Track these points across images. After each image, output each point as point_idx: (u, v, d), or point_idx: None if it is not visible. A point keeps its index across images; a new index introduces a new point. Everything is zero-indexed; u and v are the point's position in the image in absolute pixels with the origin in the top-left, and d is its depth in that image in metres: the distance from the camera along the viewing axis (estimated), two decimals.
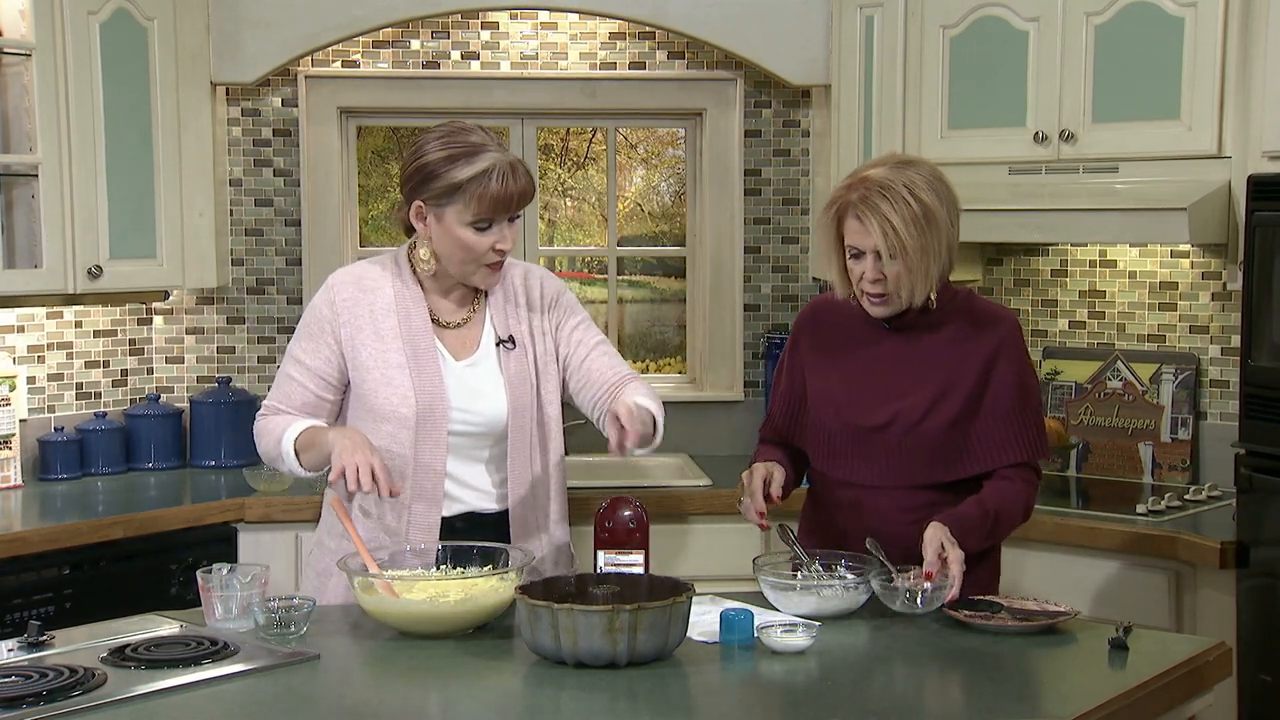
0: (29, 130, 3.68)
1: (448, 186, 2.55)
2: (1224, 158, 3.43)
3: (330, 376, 2.67)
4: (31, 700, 2.01)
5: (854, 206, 2.57)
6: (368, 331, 2.65)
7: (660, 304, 4.68)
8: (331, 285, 2.69)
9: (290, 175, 4.32)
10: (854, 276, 2.62)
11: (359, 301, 2.66)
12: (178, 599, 3.47)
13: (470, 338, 2.70)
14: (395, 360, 2.63)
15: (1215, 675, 2.34)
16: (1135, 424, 3.93)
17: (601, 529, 2.65)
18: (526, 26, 4.37)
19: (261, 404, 2.73)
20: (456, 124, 2.63)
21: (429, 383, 2.63)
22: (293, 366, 2.69)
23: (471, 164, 2.54)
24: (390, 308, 2.66)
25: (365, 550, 2.48)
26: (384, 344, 2.64)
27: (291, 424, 2.63)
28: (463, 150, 2.56)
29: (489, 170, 2.54)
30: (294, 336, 2.72)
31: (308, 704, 2.11)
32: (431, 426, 2.62)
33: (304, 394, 2.67)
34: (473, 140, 2.57)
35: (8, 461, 3.83)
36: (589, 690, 2.08)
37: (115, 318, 4.19)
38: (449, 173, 2.55)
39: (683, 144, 4.55)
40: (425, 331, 2.66)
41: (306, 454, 2.60)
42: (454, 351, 2.68)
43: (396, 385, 2.62)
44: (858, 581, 2.50)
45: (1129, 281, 3.99)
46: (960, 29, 3.86)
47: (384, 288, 2.67)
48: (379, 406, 2.63)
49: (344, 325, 2.65)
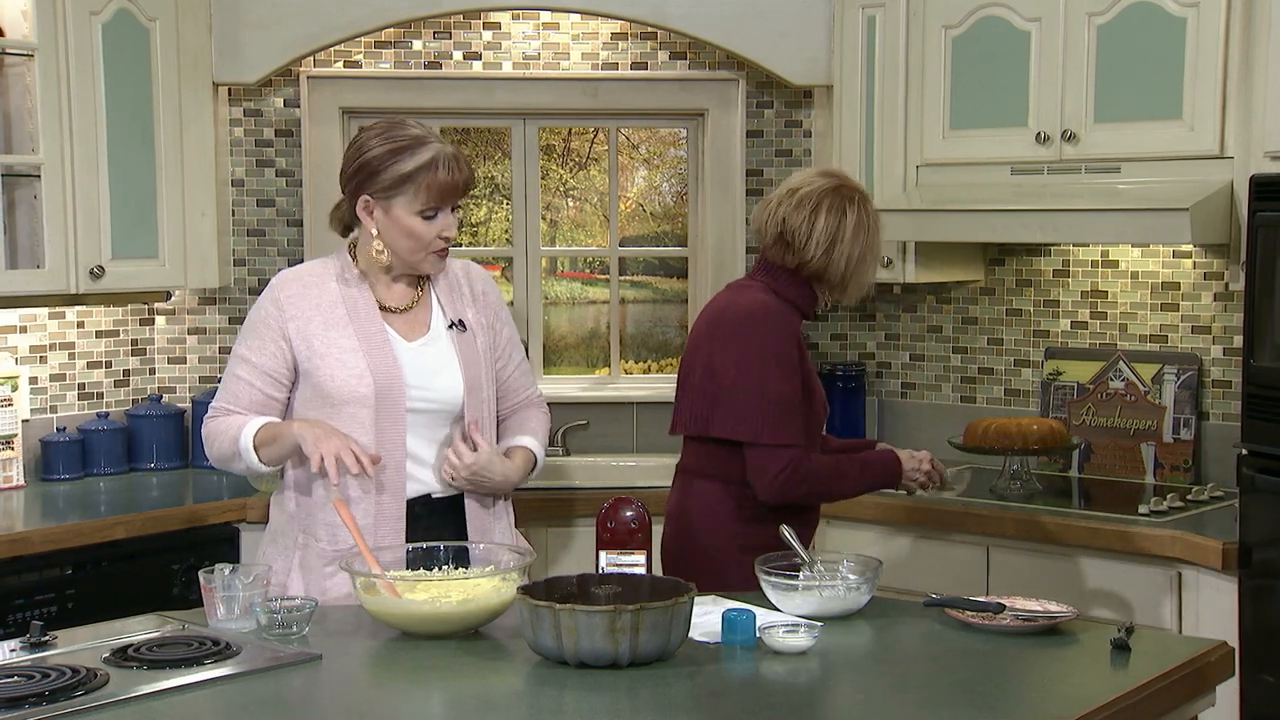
0: (31, 131, 3.68)
1: (396, 178, 2.64)
2: (1226, 158, 3.43)
3: (279, 374, 2.70)
4: (34, 700, 2.01)
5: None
6: (317, 322, 2.69)
7: (662, 304, 4.68)
8: (275, 285, 2.74)
9: (292, 175, 4.32)
10: None
11: (304, 296, 2.70)
12: (180, 599, 3.47)
13: (419, 320, 2.76)
14: (348, 345, 2.68)
15: (1217, 676, 2.34)
16: (1137, 424, 3.93)
17: (603, 529, 2.65)
18: (528, 27, 4.37)
19: (209, 408, 2.75)
20: (393, 119, 2.73)
21: (383, 361, 2.67)
22: (240, 366, 2.71)
23: (416, 155, 2.64)
24: (336, 299, 2.71)
25: (368, 550, 2.49)
26: (335, 331, 2.69)
27: (249, 421, 2.66)
28: (406, 143, 2.65)
29: (435, 160, 2.64)
30: (239, 338, 2.75)
31: (309, 704, 2.11)
32: (390, 404, 2.67)
33: (252, 393, 2.70)
34: (413, 133, 2.67)
35: (10, 462, 3.84)
36: (591, 691, 2.08)
37: (117, 318, 4.19)
38: (395, 165, 2.64)
39: (684, 144, 4.55)
40: (374, 316, 2.71)
41: (267, 449, 2.64)
42: (404, 333, 2.73)
43: (351, 367, 2.66)
44: (860, 582, 2.50)
45: (1131, 282, 3.99)
46: (962, 29, 3.86)
47: (328, 282, 2.73)
48: (336, 390, 2.66)
49: (290, 320, 2.68)
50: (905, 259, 4.02)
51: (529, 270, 4.49)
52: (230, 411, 2.71)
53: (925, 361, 4.38)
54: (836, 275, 2.88)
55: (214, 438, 2.72)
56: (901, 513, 3.66)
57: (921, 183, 3.96)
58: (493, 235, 4.57)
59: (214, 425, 2.73)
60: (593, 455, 4.25)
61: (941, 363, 4.35)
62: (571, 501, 3.68)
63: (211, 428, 2.73)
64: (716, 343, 2.88)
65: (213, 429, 2.73)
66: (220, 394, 2.74)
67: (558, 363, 4.58)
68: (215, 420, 2.73)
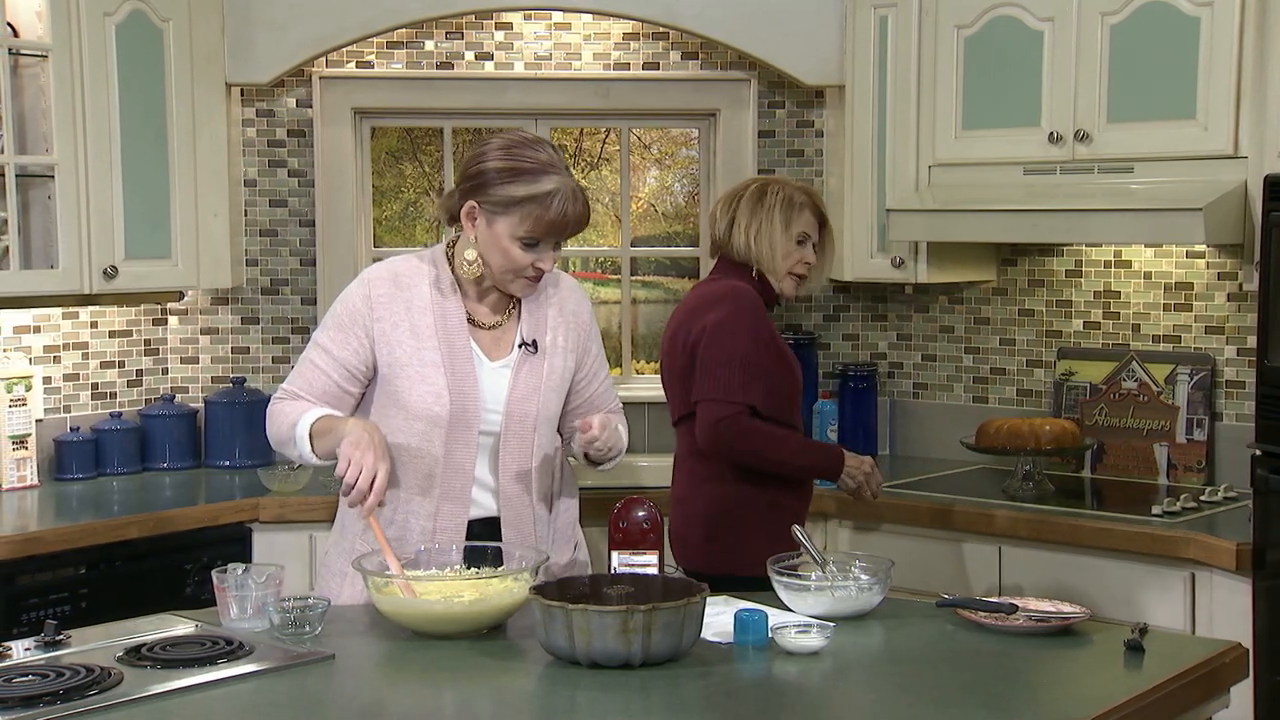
0: (45, 131, 3.70)
1: (507, 199, 2.56)
2: (1240, 158, 3.42)
3: (356, 369, 2.66)
4: (48, 699, 2.02)
5: (818, 201, 3.27)
6: (404, 328, 2.64)
7: (673, 304, 4.66)
8: (368, 280, 2.68)
9: (304, 176, 4.33)
10: (795, 259, 3.21)
11: (395, 298, 2.65)
12: (193, 599, 3.48)
13: (505, 340, 2.70)
14: (430, 358, 2.62)
15: (1231, 677, 2.34)
16: (1150, 425, 3.92)
17: (615, 530, 2.65)
18: (540, 27, 4.37)
19: (279, 388, 2.71)
20: (523, 135, 2.63)
21: (463, 382, 2.62)
22: (318, 354, 2.67)
23: (535, 183, 2.56)
24: (427, 305, 2.65)
25: (390, 550, 2.48)
26: (420, 341, 2.63)
27: (311, 409, 2.61)
28: (529, 166, 2.56)
29: (552, 194, 2.55)
30: (321, 325, 2.71)
31: (322, 704, 2.12)
32: (463, 426, 2.63)
33: (326, 382, 2.65)
34: (540, 158, 2.58)
35: (24, 461, 3.85)
36: (603, 691, 2.08)
37: (130, 318, 4.21)
38: (510, 185, 2.56)
39: (696, 144, 4.54)
40: (461, 330, 2.65)
41: (321, 440, 2.58)
42: (488, 352, 2.68)
43: (431, 383, 2.61)
44: (872, 582, 2.49)
45: (1144, 282, 3.98)
46: (975, 29, 3.86)
47: (420, 285, 2.66)
48: (413, 404, 2.62)
49: (378, 320, 2.64)
50: (917, 259, 4.01)
51: None
52: (299, 396, 2.65)
53: (937, 362, 4.37)
54: (743, 249, 3.20)
55: (275, 418, 2.66)
56: (914, 513, 3.66)
57: (934, 183, 3.96)
58: None
59: (279, 407, 2.67)
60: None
61: (954, 363, 4.34)
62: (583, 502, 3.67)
63: (276, 409, 2.67)
64: (693, 324, 3.16)
65: (277, 410, 2.67)
66: (292, 377, 2.69)
67: None
68: (282, 402, 2.67)
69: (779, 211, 3.20)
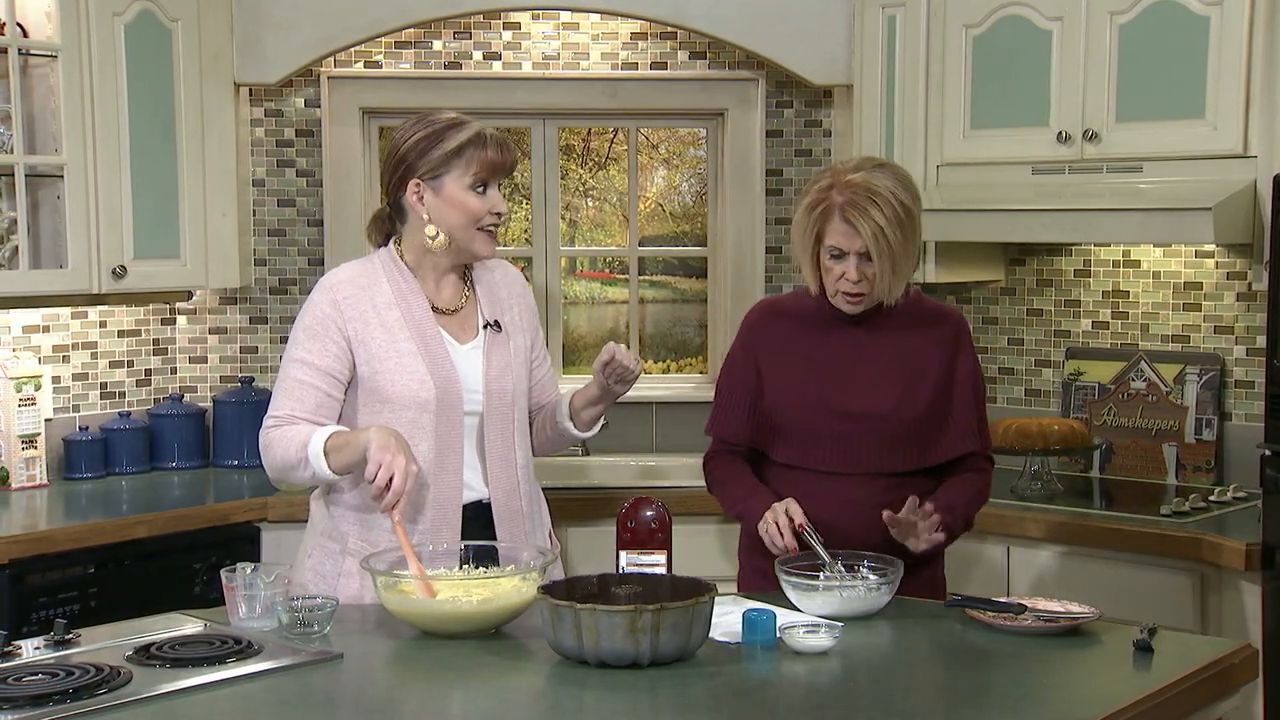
0: (54, 131, 3.70)
1: (444, 155, 2.66)
2: (1249, 157, 3.41)
3: (340, 374, 2.67)
4: (58, 698, 2.02)
5: (842, 210, 2.63)
6: (374, 324, 2.67)
7: (681, 304, 4.68)
8: (329, 286, 2.71)
9: (313, 175, 4.33)
10: (832, 275, 2.68)
11: (360, 298, 2.69)
12: (201, 598, 3.49)
13: (469, 323, 2.76)
14: (406, 348, 2.67)
15: (1241, 677, 2.33)
16: (1159, 425, 3.91)
17: (624, 529, 2.65)
18: (548, 27, 4.37)
19: (267, 419, 2.67)
20: (425, 112, 2.75)
21: (442, 365, 2.67)
22: (299, 370, 2.66)
23: (461, 132, 2.68)
24: (390, 300, 2.70)
25: (412, 551, 2.49)
26: (392, 334, 2.67)
27: (318, 429, 2.61)
28: (446, 124, 2.69)
29: (481, 134, 2.69)
30: (292, 343, 2.70)
31: (330, 703, 2.12)
32: (450, 408, 2.67)
33: (316, 395, 2.65)
34: (449, 117, 2.72)
35: (33, 461, 3.85)
36: (611, 690, 2.08)
37: (139, 318, 4.21)
38: (440, 145, 2.67)
39: (704, 144, 4.54)
40: (428, 318, 2.70)
41: (337, 455, 2.57)
42: (456, 337, 2.73)
43: (413, 371, 2.65)
44: (880, 582, 2.49)
45: (1153, 282, 3.97)
46: (983, 28, 3.85)
47: (380, 283, 2.71)
48: (398, 395, 2.65)
49: (350, 321, 2.67)
50: (925, 259, 4.01)
51: (548, 270, 4.49)
52: (294, 418, 2.64)
53: None
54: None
55: (277, 445, 2.63)
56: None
57: (942, 182, 3.95)
58: (512, 235, 4.57)
59: (276, 434, 2.65)
60: (613, 455, 4.25)
61: None
62: (591, 501, 3.68)
63: (274, 436, 2.65)
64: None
65: (276, 437, 2.65)
66: (277, 402, 2.67)
67: (577, 362, 4.59)
68: (278, 429, 2.65)
69: (803, 216, 2.79)
